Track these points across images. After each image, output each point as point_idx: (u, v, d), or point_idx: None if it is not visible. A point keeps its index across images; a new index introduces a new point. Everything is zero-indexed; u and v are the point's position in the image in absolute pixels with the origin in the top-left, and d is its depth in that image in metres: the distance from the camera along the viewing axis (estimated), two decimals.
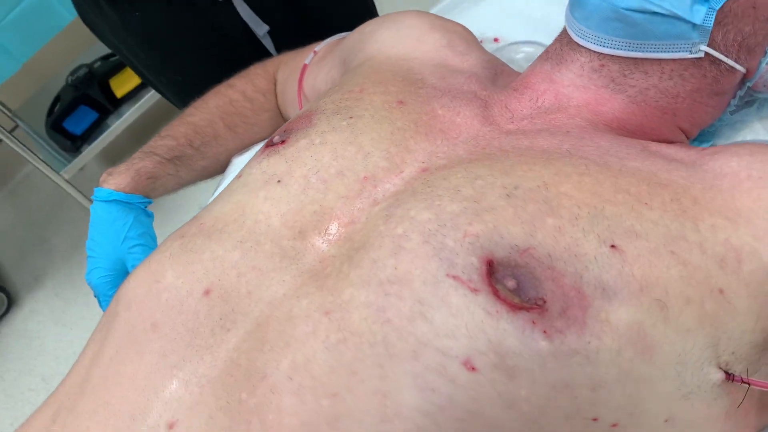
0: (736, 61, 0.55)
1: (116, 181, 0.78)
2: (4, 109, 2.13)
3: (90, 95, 1.91)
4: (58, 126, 1.90)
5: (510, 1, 0.84)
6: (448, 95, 0.59)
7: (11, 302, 2.01)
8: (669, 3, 0.52)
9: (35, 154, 1.79)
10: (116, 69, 1.93)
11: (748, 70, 0.56)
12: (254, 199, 0.54)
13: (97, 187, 0.79)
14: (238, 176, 0.58)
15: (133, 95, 1.93)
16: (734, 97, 0.59)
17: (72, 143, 1.88)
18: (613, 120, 0.56)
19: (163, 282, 0.51)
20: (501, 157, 0.51)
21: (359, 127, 0.55)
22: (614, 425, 0.42)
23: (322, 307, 0.45)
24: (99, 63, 1.97)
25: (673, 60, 0.55)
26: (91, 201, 1.90)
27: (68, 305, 1.94)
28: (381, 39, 0.69)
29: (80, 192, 1.91)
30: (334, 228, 0.50)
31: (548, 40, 0.65)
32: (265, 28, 1.03)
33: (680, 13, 0.52)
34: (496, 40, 0.82)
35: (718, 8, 0.52)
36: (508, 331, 0.40)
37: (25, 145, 1.78)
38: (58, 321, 1.92)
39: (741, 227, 0.45)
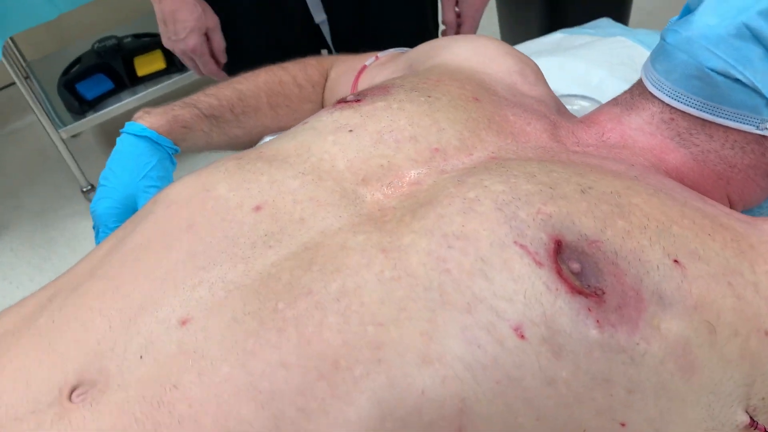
0: None
1: (152, 119, 0.77)
2: (19, 57, 2.10)
3: (111, 66, 1.90)
4: (71, 86, 1.87)
5: (571, 64, 0.88)
6: (520, 107, 0.60)
7: None
8: (752, 74, 0.54)
9: (40, 104, 1.76)
10: (145, 49, 1.93)
11: None
12: (322, 141, 0.53)
13: (129, 121, 0.78)
14: (304, 122, 0.58)
15: (153, 77, 1.92)
16: None
17: (80, 105, 1.84)
18: (674, 170, 0.58)
19: (213, 192, 0.50)
20: (571, 165, 0.52)
21: (437, 106, 0.56)
22: None
23: (380, 244, 0.44)
24: (129, 39, 1.97)
25: (739, 131, 0.57)
26: (78, 168, 1.87)
27: (20, 263, 1.86)
28: (455, 50, 0.71)
29: (70, 153, 1.87)
30: (398, 183, 0.50)
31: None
32: (323, 16, 1.05)
33: (760, 86, 0.54)
34: None
35: None
36: (563, 310, 0.40)
37: (33, 93, 1.75)
38: (6, 277, 1.83)
39: None
